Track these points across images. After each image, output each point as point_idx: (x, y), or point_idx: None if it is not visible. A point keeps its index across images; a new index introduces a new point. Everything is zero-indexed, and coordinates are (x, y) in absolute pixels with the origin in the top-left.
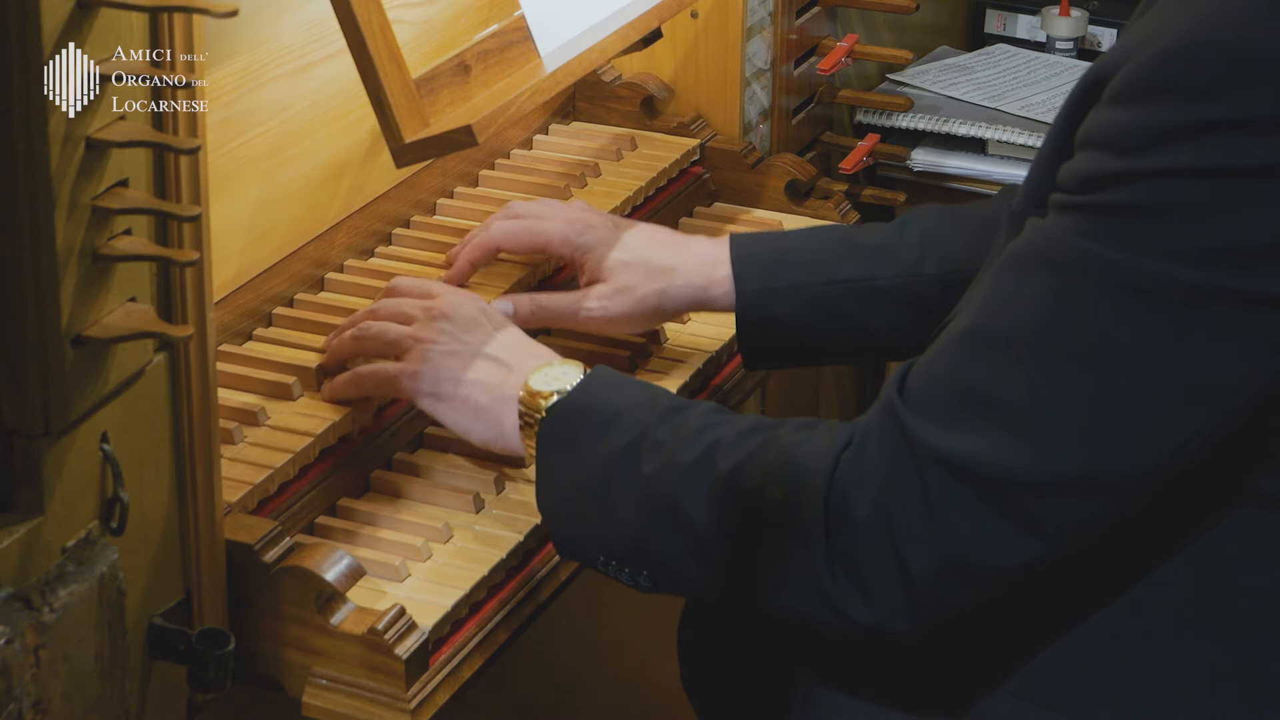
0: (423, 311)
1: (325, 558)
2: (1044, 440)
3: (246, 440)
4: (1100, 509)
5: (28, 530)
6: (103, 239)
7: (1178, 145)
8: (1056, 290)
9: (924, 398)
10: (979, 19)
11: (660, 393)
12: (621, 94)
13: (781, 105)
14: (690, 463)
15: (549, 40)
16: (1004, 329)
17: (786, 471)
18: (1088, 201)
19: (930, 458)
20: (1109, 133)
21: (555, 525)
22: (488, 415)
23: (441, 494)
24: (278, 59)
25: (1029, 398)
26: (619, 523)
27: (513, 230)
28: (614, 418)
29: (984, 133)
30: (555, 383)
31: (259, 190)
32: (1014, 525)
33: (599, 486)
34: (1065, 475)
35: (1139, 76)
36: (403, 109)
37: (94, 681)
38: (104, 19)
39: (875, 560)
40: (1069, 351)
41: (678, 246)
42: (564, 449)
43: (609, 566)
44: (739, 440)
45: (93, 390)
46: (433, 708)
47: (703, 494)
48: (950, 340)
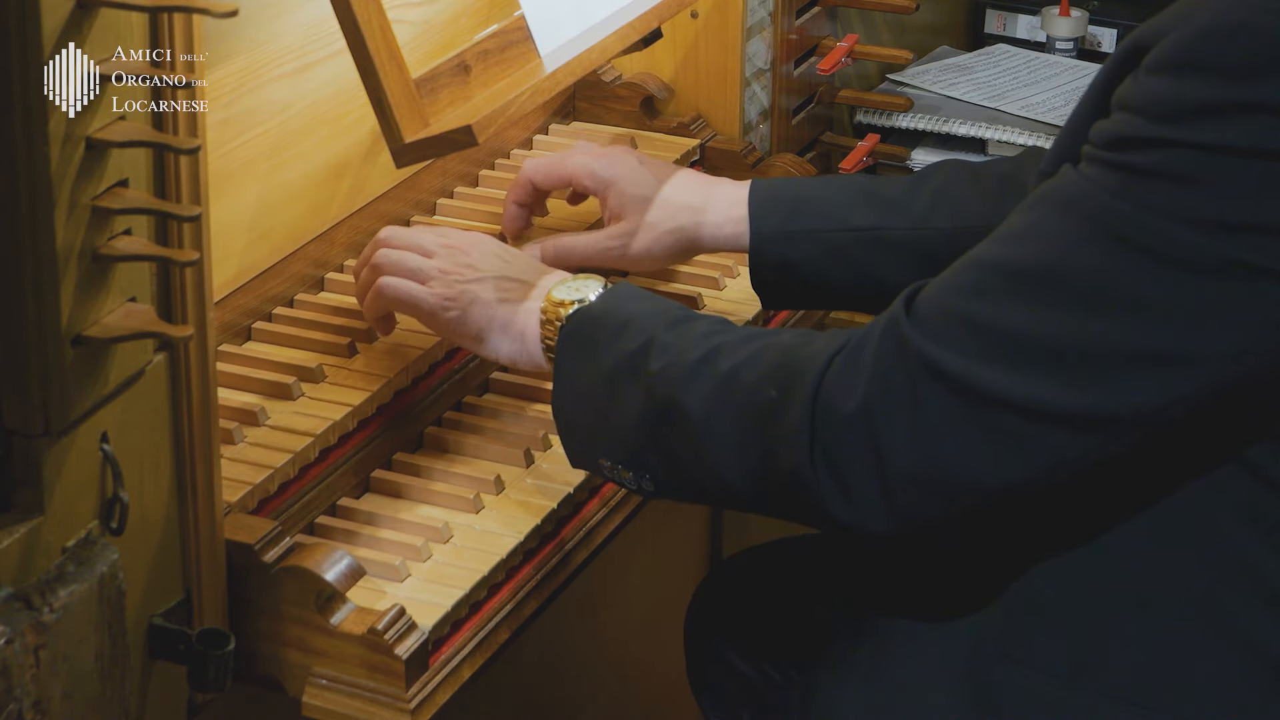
0: (442, 246)
1: (325, 558)
2: (1037, 371)
3: (246, 440)
4: (1082, 445)
5: (28, 530)
6: (103, 239)
7: (1208, 121)
8: (1072, 233)
9: (928, 314)
10: (979, 19)
11: (675, 305)
12: (621, 94)
13: (781, 105)
14: (692, 362)
15: (549, 40)
16: (1017, 262)
17: (782, 370)
18: (1116, 159)
19: (923, 365)
20: (1144, 100)
21: (565, 431)
22: (512, 328)
23: (441, 494)
24: (278, 59)
25: (1030, 330)
26: (624, 422)
27: (541, 164)
28: (627, 324)
29: (984, 133)
30: (576, 293)
31: (259, 190)
32: (996, 444)
33: (606, 388)
34: (1053, 407)
35: (1177, 49)
36: (403, 109)
37: (94, 681)
38: (104, 19)
39: (856, 457)
40: (1076, 293)
41: (701, 187)
42: (579, 353)
43: (615, 471)
44: (741, 343)
45: (93, 390)
46: (433, 708)
47: (702, 391)
48: (964, 265)
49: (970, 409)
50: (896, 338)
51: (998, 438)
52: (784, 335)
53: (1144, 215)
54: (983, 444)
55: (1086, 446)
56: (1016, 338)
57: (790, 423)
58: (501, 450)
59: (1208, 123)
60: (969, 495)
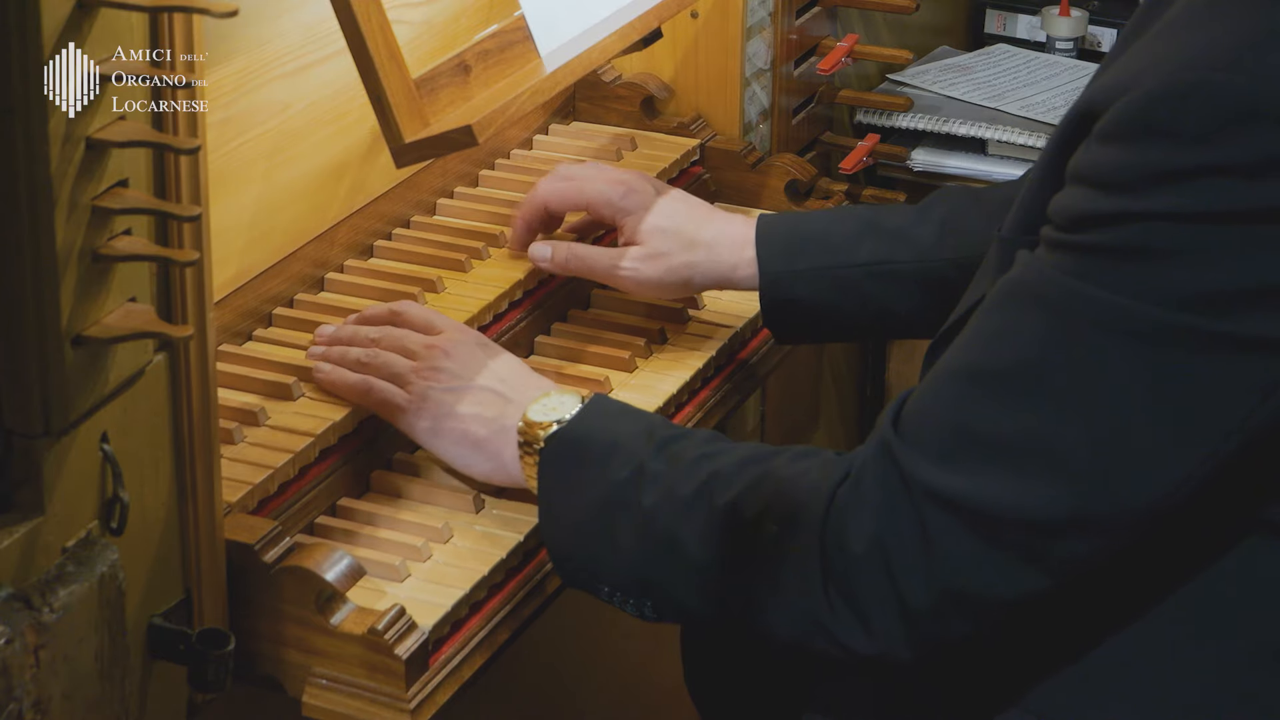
0: (424, 347)
1: (325, 558)
2: (1037, 479)
3: (246, 440)
4: (1096, 544)
5: (28, 530)
6: (103, 239)
7: (1168, 188)
8: (1049, 330)
9: (918, 434)
10: (979, 19)
11: (658, 422)
12: (621, 94)
13: (781, 105)
14: (688, 496)
15: (549, 40)
16: (998, 367)
17: (783, 505)
18: (1078, 241)
19: (925, 493)
20: (1099, 171)
21: (558, 555)
22: (487, 447)
23: (441, 494)
24: (278, 59)
25: (1022, 437)
26: (620, 555)
27: (558, 190)
28: (612, 449)
29: (984, 133)
30: (553, 413)
31: (259, 190)
32: (1010, 559)
33: (599, 519)
34: (1060, 513)
35: (1130, 116)
36: (403, 109)
37: (94, 681)
38: (104, 19)
39: (873, 594)
40: (1062, 392)
41: (713, 223)
42: (564, 480)
43: (614, 597)
44: (736, 472)
45: (93, 390)
46: (433, 708)
47: (701, 528)
48: (945, 376)
49: (977, 529)
50: (893, 464)
51: (1007, 554)
52: (778, 462)
53: (1115, 298)
54: (995, 562)
55: (1098, 546)
56: (1008, 447)
57: (800, 564)
58: None
59: (1165, 191)
60: (989, 613)
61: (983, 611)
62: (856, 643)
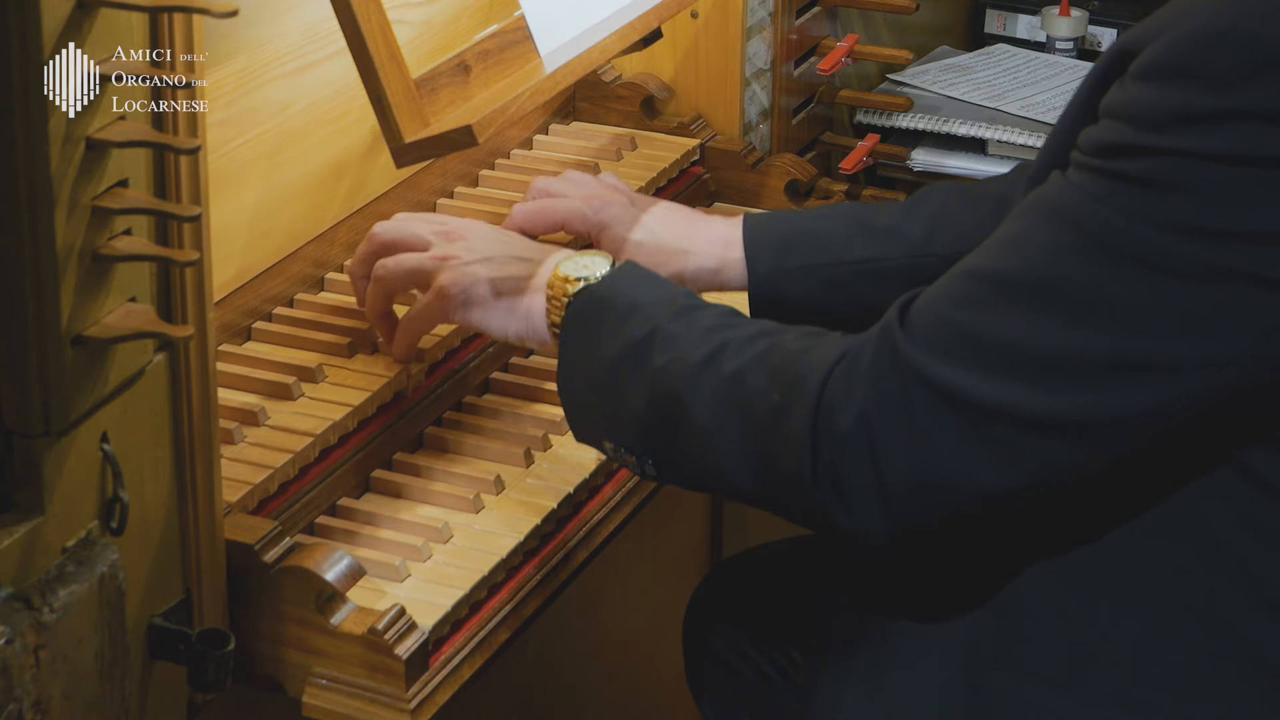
0: (436, 235)
1: (325, 558)
2: (1027, 381)
3: (246, 440)
4: (1073, 454)
5: (28, 530)
6: (103, 239)
7: (1195, 129)
8: (1063, 242)
9: (921, 325)
10: (979, 19)
11: (682, 292)
12: (621, 94)
13: (781, 105)
14: (698, 360)
15: (549, 40)
16: (1007, 272)
17: (784, 377)
18: (1104, 166)
19: (917, 378)
20: (1130, 107)
21: (570, 410)
22: (519, 307)
23: (441, 494)
24: (278, 59)
25: (1019, 340)
26: (629, 411)
27: (531, 212)
28: (633, 309)
29: (984, 133)
30: (583, 270)
31: (259, 190)
32: (989, 453)
33: (613, 375)
34: (1043, 417)
35: (1164, 57)
36: (403, 109)
37: (94, 681)
38: (104, 19)
39: (855, 468)
40: (1065, 302)
41: (692, 227)
42: (584, 335)
43: (618, 453)
44: (746, 343)
45: (93, 390)
46: (433, 708)
47: (707, 393)
48: (956, 275)
49: (963, 419)
50: (891, 348)
51: (991, 447)
52: (788, 335)
53: (1132, 224)
54: (976, 453)
55: (1077, 455)
56: (1006, 348)
57: (792, 432)
58: (501, 450)
59: (1195, 130)
60: (965, 503)
61: (957, 503)
62: (836, 515)
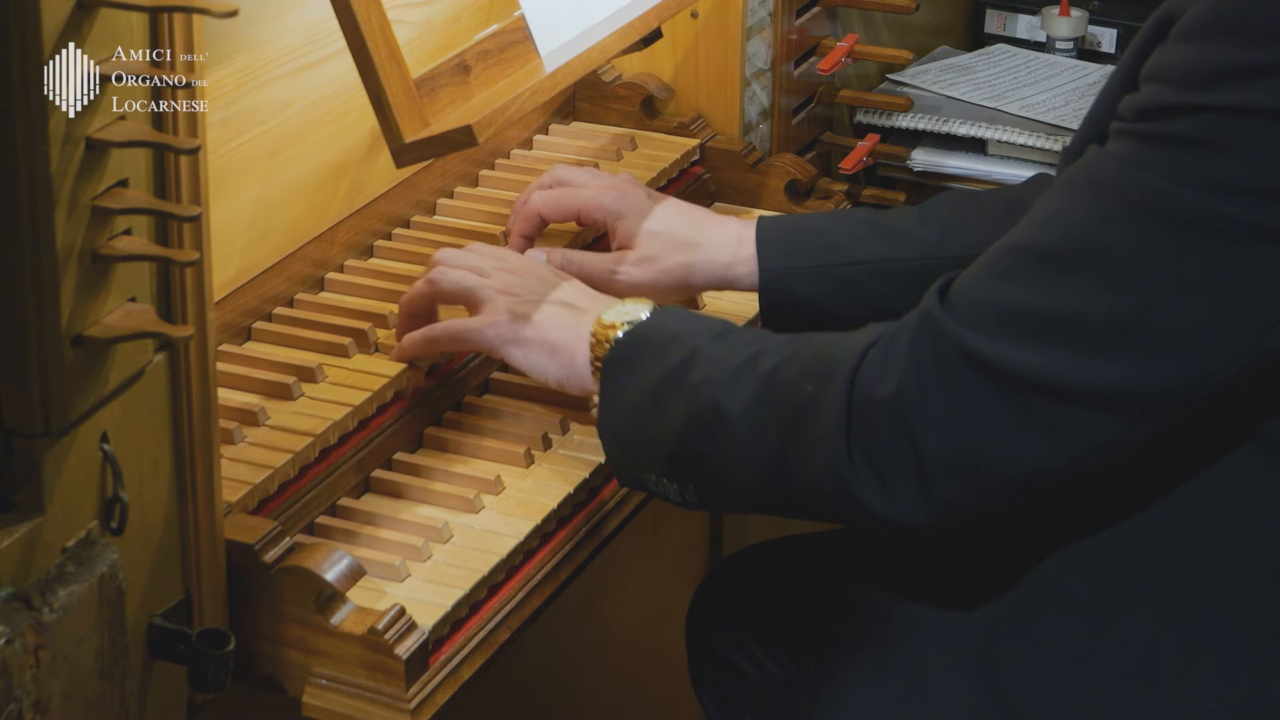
0: (496, 269)
1: (325, 558)
2: (1069, 351)
3: (246, 440)
4: (1116, 426)
5: (28, 530)
6: (103, 239)
7: (1237, 84)
8: (1101, 211)
9: (962, 301)
10: (979, 19)
11: (720, 321)
12: (621, 94)
13: (781, 105)
14: (733, 368)
15: (549, 40)
16: (1047, 245)
17: (818, 366)
18: (1143, 130)
19: (957, 351)
20: (1172, 69)
21: (611, 447)
22: (562, 353)
23: (441, 494)
24: (278, 59)
25: (1061, 311)
26: (667, 434)
27: (549, 198)
28: (672, 340)
29: (984, 133)
30: (625, 315)
31: (259, 190)
32: (1030, 428)
33: (650, 402)
34: (1088, 387)
35: (1206, 15)
36: (403, 109)
37: (94, 681)
38: (104, 19)
39: (893, 445)
40: (1106, 270)
41: (706, 223)
42: (625, 372)
43: (660, 484)
44: (781, 346)
45: (93, 390)
46: (433, 708)
47: (741, 393)
48: (996, 252)
49: (1004, 392)
50: (931, 325)
51: (1032, 421)
52: (822, 334)
53: (1174, 186)
54: (1017, 428)
55: (1120, 427)
56: (1048, 319)
57: (827, 416)
58: (501, 450)
59: (1236, 86)
60: (1005, 482)
61: (997, 481)
62: (873, 501)
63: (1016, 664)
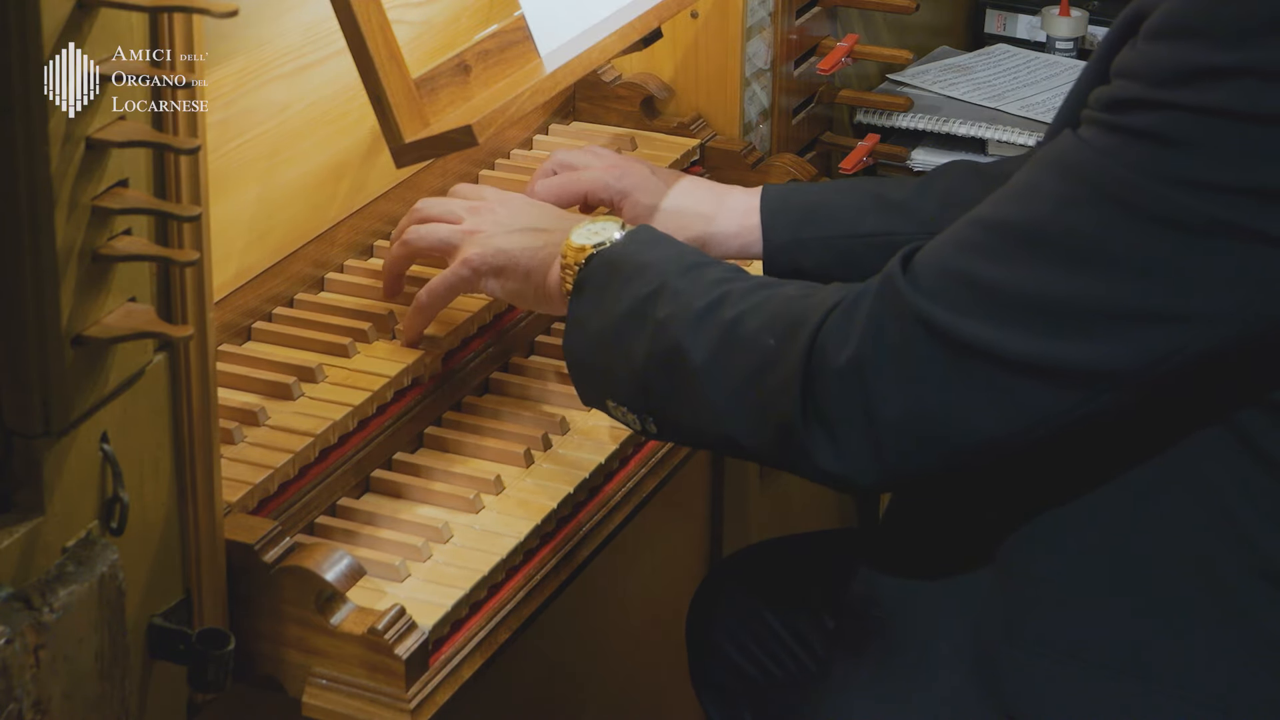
0: (468, 209)
1: (325, 558)
2: (1024, 326)
3: (246, 440)
4: (1066, 401)
5: (28, 530)
6: (103, 239)
7: (1204, 84)
8: (1070, 194)
9: (923, 270)
10: (979, 19)
11: (691, 250)
12: (621, 94)
13: (781, 105)
14: (699, 309)
15: (549, 40)
16: (1011, 220)
17: (781, 320)
18: (1112, 120)
19: (914, 318)
20: (1141, 65)
21: (575, 371)
22: (535, 276)
23: (441, 494)
24: (277, 59)
25: (1019, 286)
26: (630, 365)
27: (554, 185)
28: (641, 269)
29: (984, 133)
30: (595, 236)
31: (259, 190)
32: (982, 396)
33: (615, 332)
34: (1037, 361)
35: (1174, 15)
36: (403, 109)
37: (94, 681)
38: (104, 19)
39: (846, 408)
40: (1067, 251)
41: (714, 195)
42: (593, 297)
43: (620, 412)
44: (748, 292)
45: (93, 390)
46: (433, 708)
47: (705, 338)
48: (961, 223)
49: (958, 361)
50: (891, 291)
51: (984, 390)
52: (789, 285)
53: (1137, 177)
54: (969, 396)
55: (1071, 403)
56: (1006, 292)
57: (785, 373)
58: (501, 450)
59: (1203, 86)
60: (954, 446)
61: (946, 448)
62: (824, 458)
63: (1011, 662)
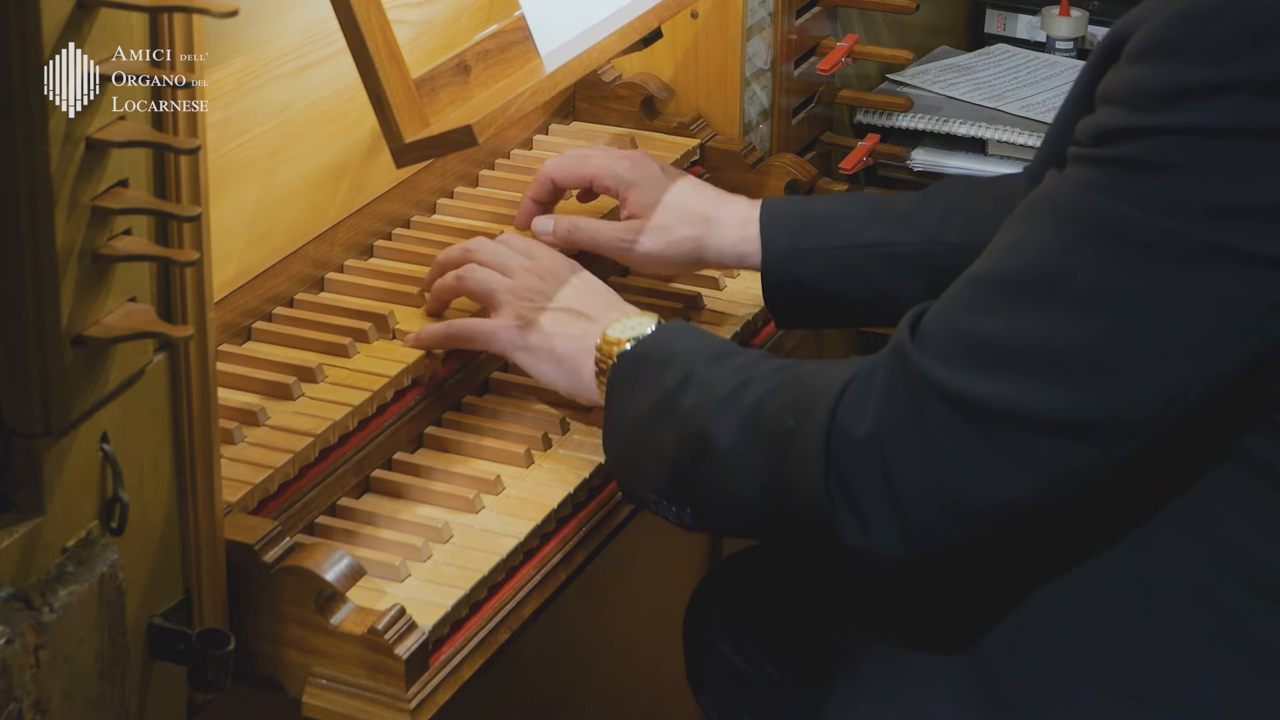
0: (521, 268)
1: (325, 558)
2: (1037, 381)
3: (246, 440)
4: (1090, 453)
5: (28, 530)
6: (103, 239)
7: (1190, 104)
8: (1065, 238)
9: (931, 336)
10: (979, 19)
11: (719, 340)
12: (621, 94)
13: (781, 105)
14: (723, 395)
15: (549, 40)
16: (1011, 274)
17: (800, 400)
18: (1099, 154)
19: (929, 387)
20: (1125, 89)
21: (614, 466)
22: (569, 364)
23: (441, 494)
24: (278, 59)
25: (1031, 339)
26: (662, 457)
27: (563, 164)
28: (669, 360)
29: (984, 133)
30: (630, 331)
31: (259, 190)
32: (1002, 459)
33: (646, 425)
34: (1057, 417)
35: (1156, 35)
36: (403, 109)
37: (94, 681)
38: (104, 19)
39: (869, 481)
40: (1070, 297)
41: (717, 200)
42: (626, 390)
43: (660, 505)
44: (770, 375)
45: (93, 390)
46: (433, 708)
47: (729, 424)
48: (961, 284)
49: (974, 425)
50: (901, 358)
51: (1004, 452)
52: (809, 365)
53: (1132, 209)
54: (989, 460)
55: (1094, 455)
56: (1014, 350)
57: (806, 451)
58: (501, 450)
59: (1188, 105)
60: (980, 516)
61: (971, 514)
62: (851, 534)
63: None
